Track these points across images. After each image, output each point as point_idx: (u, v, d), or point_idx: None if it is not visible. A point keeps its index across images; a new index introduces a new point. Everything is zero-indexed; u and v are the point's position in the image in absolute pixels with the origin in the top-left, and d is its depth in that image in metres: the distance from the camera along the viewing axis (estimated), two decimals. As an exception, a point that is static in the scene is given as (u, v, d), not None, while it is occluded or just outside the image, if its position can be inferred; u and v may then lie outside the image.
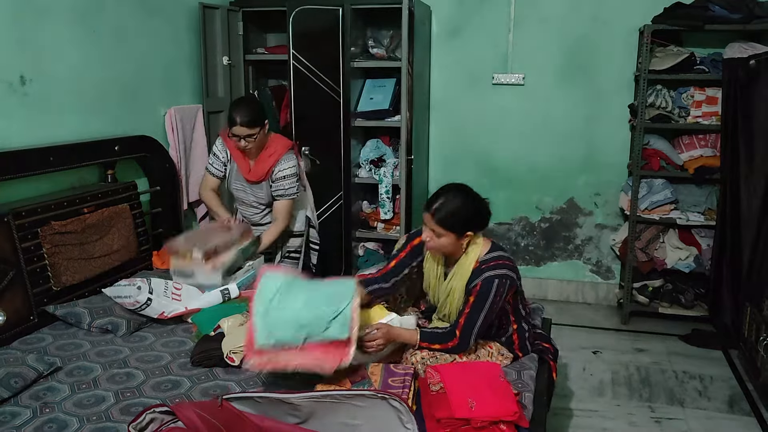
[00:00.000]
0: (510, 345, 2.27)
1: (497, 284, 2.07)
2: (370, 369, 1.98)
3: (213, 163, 3.04)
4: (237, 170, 3.00)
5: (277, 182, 2.94)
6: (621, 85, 3.98)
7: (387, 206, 3.97)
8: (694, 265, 3.82)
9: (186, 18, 3.60)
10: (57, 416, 1.83)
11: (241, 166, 2.96)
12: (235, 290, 2.60)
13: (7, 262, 2.37)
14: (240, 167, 2.97)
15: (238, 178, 3.01)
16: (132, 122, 3.20)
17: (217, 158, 3.03)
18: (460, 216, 2.10)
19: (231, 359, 2.12)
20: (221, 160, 3.03)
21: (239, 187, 3.03)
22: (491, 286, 2.07)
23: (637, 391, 3.15)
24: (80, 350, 2.27)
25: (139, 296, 2.45)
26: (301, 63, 3.72)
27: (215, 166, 3.03)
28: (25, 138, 2.59)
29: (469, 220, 2.11)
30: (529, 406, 1.97)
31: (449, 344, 2.11)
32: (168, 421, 1.57)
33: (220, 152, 3.03)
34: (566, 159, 4.16)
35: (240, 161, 2.96)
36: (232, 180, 3.03)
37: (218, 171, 3.04)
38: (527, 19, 4.04)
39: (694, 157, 3.75)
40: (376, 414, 1.66)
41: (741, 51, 3.49)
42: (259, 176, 2.93)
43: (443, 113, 4.27)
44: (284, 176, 2.93)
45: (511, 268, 2.14)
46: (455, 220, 2.09)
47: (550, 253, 4.34)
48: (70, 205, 2.67)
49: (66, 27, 2.77)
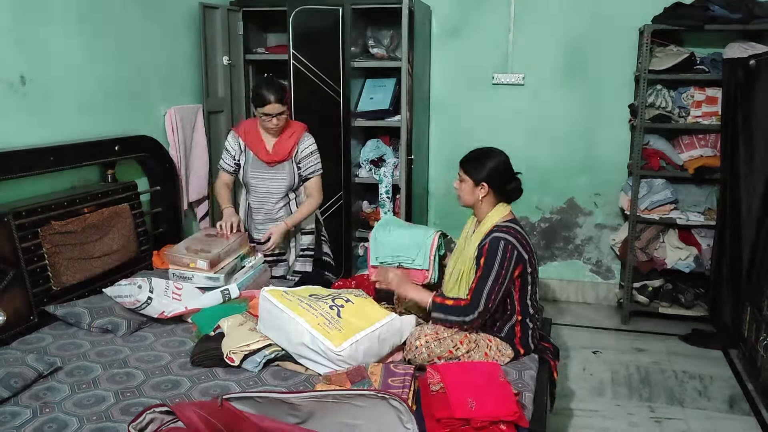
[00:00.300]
0: (511, 338, 2.26)
1: (503, 245, 2.18)
2: (370, 369, 1.98)
3: (224, 158, 3.03)
4: (254, 158, 2.99)
5: (306, 159, 3.01)
6: (621, 85, 3.98)
7: (387, 206, 3.97)
8: (694, 265, 3.82)
9: (186, 18, 3.60)
10: (57, 416, 1.83)
11: (259, 151, 2.96)
12: (236, 290, 2.60)
13: (7, 262, 2.37)
14: (258, 152, 2.96)
15: (255, 165, 2.99)
16: (132, 122, 3.20)
17: (228, 153, 3.02)
18: (479, 162, 2.29)
19: (231, 359, 2.12)
20: (232, 154, 3.01)
21: (257, 174, 3.01)
22: (498, 245, 2.18)
23: (637, 391, 3.15)
24: (80, 350, 2.27)
25: (140, 295, 2.45)
26: (301, 63, 3.72)
27: (226, 161, 3.03)
28: (25, 138, 2.59)
29: (486, 169, 2.27)
30: (530, 406, 1.97)
31: (461, 302, 2.18)
32: (168, 421, 1.57)
33: (231, 147, 3.01)
34: (566, 159, 4.16)
35: (257, 146, 2.96)
36: (249, 169, 3.01)
37: (228, 166, 3.03)
38: (527, 19, 4.04)
39: (694, 157, 3.75)
40: (376, 414, 1.66)
41: (741, 51, 3.49)
42: (283, 155, 2.95)
43: (443, 113, 4.27)
44: (311, 152, 3.02)
45: (519, 241, 2.21)
46: (474, 165, 2.30)
47: (550, 253, 4.34)
48: (70, 205, 2.67)
49: (66, 27, 2.77)
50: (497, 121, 4.19)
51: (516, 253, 2.19)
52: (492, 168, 2.28)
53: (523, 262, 2.22)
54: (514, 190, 2.33)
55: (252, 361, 2.12)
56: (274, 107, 2.82)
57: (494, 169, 2.28)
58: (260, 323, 2.21)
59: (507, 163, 2.33)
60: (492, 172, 2.28)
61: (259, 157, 2.96)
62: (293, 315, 2.09)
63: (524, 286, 2.26)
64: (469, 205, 2.36)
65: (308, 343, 2.04)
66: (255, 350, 2.14)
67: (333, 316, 2.12)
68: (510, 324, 2.27)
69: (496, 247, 2.18)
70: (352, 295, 2.29)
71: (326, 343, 2.01)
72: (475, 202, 2.32)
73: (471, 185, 2.30)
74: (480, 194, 2.30)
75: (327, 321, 2.09)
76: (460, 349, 2.16)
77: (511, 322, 2.27)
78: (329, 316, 2.12)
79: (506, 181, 2.31)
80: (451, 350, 2.14)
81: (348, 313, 2.16)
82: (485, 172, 2.28)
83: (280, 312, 2.11)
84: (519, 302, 2.27)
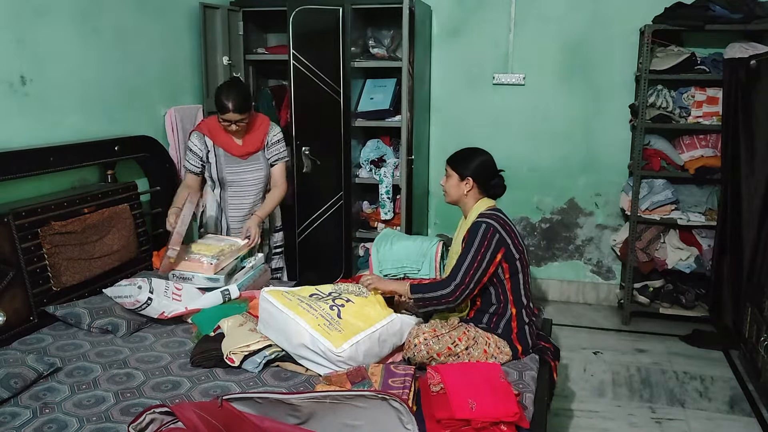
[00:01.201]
0: (508, 335, 2.27)
1: (484, 228, 2.27)
2: (371, 370, 1.98)
3: (189, 159, 3.02)
4: (225, 154, 2.99)
5: (273, 147, 3.09)
6: (622, 85, 3.97)
7: (387, 206, 3.96)
8: (694, 266, 3.81)
9: (186, 18, 3.60)
10: (57, 417, 1.83)
11: (229, 147, 2.97)
12: (236, 291, 2.60)
13: (7, 262, 2.37)
14: (229, 149, 2.98)
15: (229, 161, 3.00)
16: (132, 122, 3.20)
17: (194, 154, 3.00)
18: (463, 157, 2.43)
19: (231, 360, 2.12)
20: (198, 155, 3.00)
21: (233, 170, 3.01)
22: (479, 228, 2.28)
23: (637, 391, 3.15)
24: (80, 350, 2.27)
25: (140, 295, 2.45)
26: (302, 63, 3.71)
27: (192, 162, 3.02)
28: (25, 138, 2.59)
29: (472, 165, 2.40)
30: (530, 407, 1.97)
31: (437, 279, 2.31)
32: (168, 421, 1.57)
33: (197, 147, 2.99)
34: (567, 159, 4.15)
35: (226, 142, 2.96)
36: (223, 166, 3.00)
37: (194, 167, 3.02)
38: (528, 19, 4.04)
39: (695, 158, 3.75)
40: (376, 415, 1.66)
41: (741, 51, 3.49)
42: (256, 146, 3.03)
43: (444, 113, 4.27)
44: (278, 140, 3.10)
45: (502, 225, 2.29)
46: (460, 161, 2.43)
47: (551, 253, 4.34)
48: (70, 205, 2.67)
49: (66, 27, 2.77)
50: (498, 121, 4.19)
51: (498, 236, 2.26)
52: (477, 164, 2.41)
53: (505, 245, 2.28)
54: (496, 185, 2.44)
55: (252, 362, 2.12)
56: (232, 116, 2.83)
57: (479, 166, 2.41)
58: (260, 324, 2.21)
59: (491, 162, 2.46)
60: (477, 167, 2.41)
61: (231, 152, 2.98)
62: (293, 316, 2.09)
63: (514, 274, 2.30)
64: (455, 201, 2.47)
65: (308, 343, 2.04)
66: (255, 351, 2.14)
67: (333, 317, 2.12)
68: (506, 319, 2.28)
69: (476, 229, 2.28)
70: (353, 295, 2.29)
71: (326, 344, 2.01)
72: (460, 196, 2.43)
73: (457, 180, 2.42)
74: (465, 189, 2.41)
75: (327, 322, 2.09)
76: (459, 346, 2.16)
77: (507, 317, 2.29)
78: (329, 317, 2.12)
79: (490, 177, 2.43)
80: (450, 347, 2.14)
81: (348, 313, 2.16)
82: (471, 167, 2.40)
83: (280, 312, 2.11)
84: (512, 292, 2.30)
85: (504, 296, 2.30)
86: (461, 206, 2.47)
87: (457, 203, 2.47)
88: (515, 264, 2.30)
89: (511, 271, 2.29)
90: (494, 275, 2.28)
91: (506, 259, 2.28)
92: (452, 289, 2.23)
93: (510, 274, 2.30)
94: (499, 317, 2.29)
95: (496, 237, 2.26)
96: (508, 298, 2.30)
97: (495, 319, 2.29)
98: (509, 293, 2.30)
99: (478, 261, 2.24)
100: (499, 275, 2.29)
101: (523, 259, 2.33)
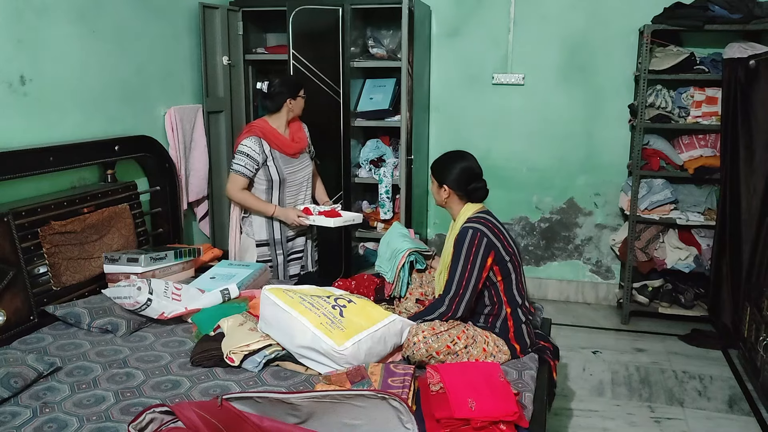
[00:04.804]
0: (505, 334, 2.27)
1: (471, 233, 2.25)
2: (370, 369, 1.98)
3: (246, 165, 2.96)
4: (281, 156, 3.03)
5: (310, 143, 3.26)
6: (621, 85, 3.98)
7: (387, 206, 3.97)
8: (693, 265, 3.82)
9: (186, 18, 3.60)
10: (57, 416, 1.83)
11: (284, 147, 3.03)
12: (235, 290, 2.60)
13: (7, 262, 2.37)
14: (283, 148, 3.03)
15: (286, 162, 3.05)
16: (132, 122, 3.20)
17: (253, 160, 2.96)
18: (440, 164, 2.42)
19: (231, 359, 2.12)
20: (256, 160, 2.97)
21: (291, 169, 3.08)
22: (466, 234, 2.26)
23: (636, 391, 3.15)
24: (80, 350, 2.27)
25: (139, 297, 2.45)
26: (301, 63, 3.72)
27: (248, 167, 2.97)
28: (25, 138, 2.59)
29: (447, 172, 2.37)
30: (529, 406, 1.97)
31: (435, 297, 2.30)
32: (168, 421, 1.57)
33: (256, 153, 2.96)
34: (566, 159, 4.16)
35: (281, 143, 3.02)
36: (282, 167, 3.03)
37: (250, 172, 2.99)
38: (527, 19, 4.04)
39: (694, 157, 3.75)
40: (376, 414, 1.66)
41: (741, 51, 3.49)
42: (304, 143, 3.15)
43: (443, 113, 4.27)
44: (309, 136, 3.25)
45: (491, 229, 2.28)
46: (435, 167, 2.44)
47: (550, 253, 4.34)
48: (70, 205, 2.67)
49: (66, 27, 2.77)
50: (497, 121, 4.19)
51: (486, 240, 2.25)
52: (453, 171, 2.38)
53: (495, 249, 2.26)
54: (476, 190, 2.38)
55: (252, 361, 2.12)
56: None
57: (456, 172, 2.37)
58: (261, 322, 2.21)
59: (469, 167, 2.39)
60: (453, 175, 2.37)
61: (286, 152, 3.03)
62: (295, 314, 2.09)
63: (506, 276, 2.29)
64: (441, 206, 2.47)
65: (310, 342, 2.04)
66: (255, 350, 2.14)
67: (335, 316, 2.12)
68: (501, 318, 2.29)
69: (464, 236, 2.26)
70: (355, 296, 2.29)
71: (329, 342, 2.01)
72: (441, 202, 2.44)
73: (436, 187, 2.44)
74: (443, 195, 2.41)
75: (329, 320, 2.09)
76: (458, 344, 2.16)
77: (502, 317, 2.29)
78: (332, 316, 2.12)
79: (466, 184, 2.37)
80: (449, 345, 2.14)
81: (350, 312, 2.16)
82: (446, 174, 2.38)
83: (282, 311, 2.11)
84: (505, 293, 2.29)
85: (497, 297, 2.29)
86: (448, 210, 2.45)
87: (444, 207, 2.46)
88: (506, 267, 2.28)
89: (502, 274, 2.28)
90: (486, 279, 2.27)
91: (497, 262, 2.27)
92: (448, 304, 2.23)
93: (502, 277, 2.28)
94: (494, 317, 2.29)
95: (484, 241, 2.24)
96: (501, 299, 2.29)
97: (491, 320, 2.29)
98: (502, 294, 2.29)
99: (468, 270, 2.23)
100: (491, 278, 2.28)
101: (514, 261, 2.31)
